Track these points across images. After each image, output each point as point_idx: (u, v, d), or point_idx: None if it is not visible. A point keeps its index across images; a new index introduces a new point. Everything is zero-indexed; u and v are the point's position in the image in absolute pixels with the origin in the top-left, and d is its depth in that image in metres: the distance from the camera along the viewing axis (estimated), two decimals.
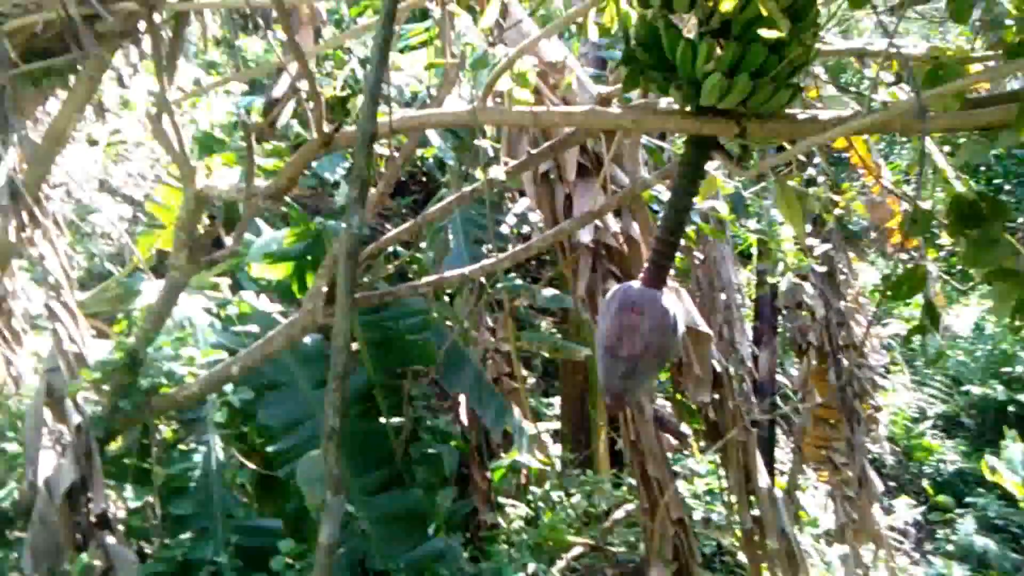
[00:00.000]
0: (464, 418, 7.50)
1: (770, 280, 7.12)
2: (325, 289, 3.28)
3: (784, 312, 8.40)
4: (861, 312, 8.75)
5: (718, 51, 2.01)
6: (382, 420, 5.22)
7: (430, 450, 5.31)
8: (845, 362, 8.02)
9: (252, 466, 4.46)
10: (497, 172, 3.08)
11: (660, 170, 3.26)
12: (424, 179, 8.79)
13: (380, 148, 5.70)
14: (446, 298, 7.09)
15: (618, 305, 2.21)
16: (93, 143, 6.90)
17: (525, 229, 8.28)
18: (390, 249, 5.60)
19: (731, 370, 4.32)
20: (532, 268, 10.33)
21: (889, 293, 1.67)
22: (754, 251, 8.67)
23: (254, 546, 4.09)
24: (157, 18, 3.27)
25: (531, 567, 4.70)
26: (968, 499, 10.31)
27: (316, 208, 7.34)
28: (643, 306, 2.18)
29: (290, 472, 4.53)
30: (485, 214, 6.72)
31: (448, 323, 6.50)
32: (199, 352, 3.62)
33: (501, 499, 6.50)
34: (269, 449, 4.55)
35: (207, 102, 6.92)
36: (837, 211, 8.28)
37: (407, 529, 4.89)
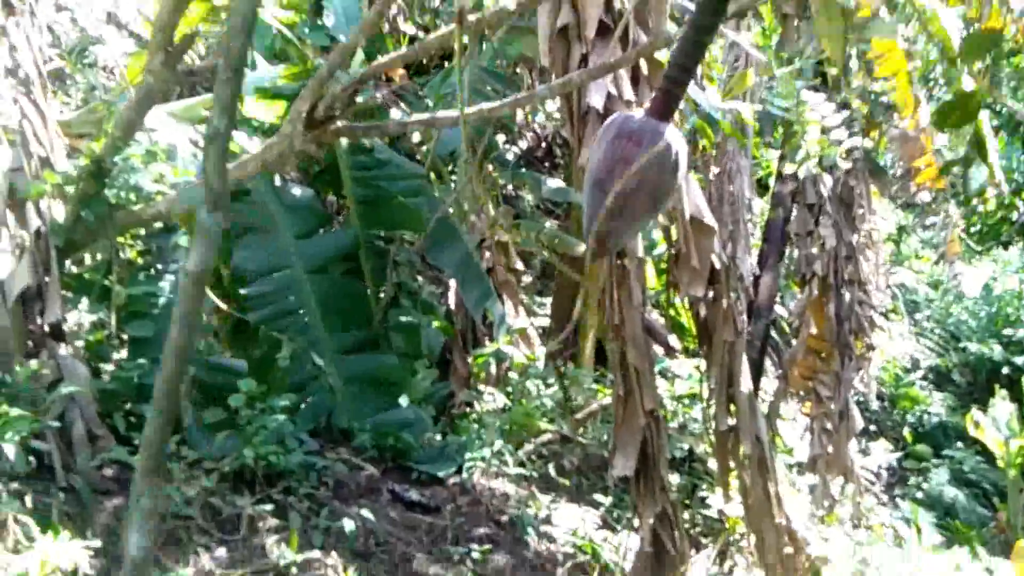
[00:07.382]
0: (452, 302, 7.37)
1: (789, 167, 6.71)
2: (305, 112, 3.03)
3: (794, 238, 8.11)
4: (872, 248, 8.47)
5: None
6: (363, 282, 5.07)
7: (410, 318, 5.17)
8: (848, 296, 7.80)
9: (223, 305, 4.32)
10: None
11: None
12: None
13: None
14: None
15: (615, 133, 1.97)
16: None
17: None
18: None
19: (729, 268, 4.11)
20: (541, 165, 10.03)
21: (935, 121, 1.42)
22: (772, 181, 8.34)
23: (216, 383, 3.99)
24: None
25: (497, 444, 4.61)
26: (945, 452, 10.29)
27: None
28: (643, 137, 1.93)
29: (261, 317, 4.40)
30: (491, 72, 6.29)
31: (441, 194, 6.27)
32: (170, 169, 3.40)
33: (480, 387, 6.41)
34: (242, 291, 4.41)
35: None
36: (867, 142, 7.92)
37: (377, 393, 4.80)
